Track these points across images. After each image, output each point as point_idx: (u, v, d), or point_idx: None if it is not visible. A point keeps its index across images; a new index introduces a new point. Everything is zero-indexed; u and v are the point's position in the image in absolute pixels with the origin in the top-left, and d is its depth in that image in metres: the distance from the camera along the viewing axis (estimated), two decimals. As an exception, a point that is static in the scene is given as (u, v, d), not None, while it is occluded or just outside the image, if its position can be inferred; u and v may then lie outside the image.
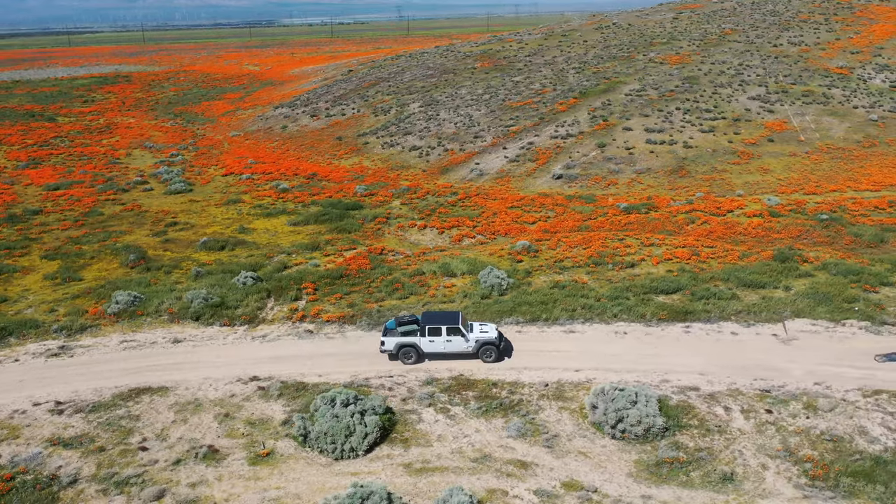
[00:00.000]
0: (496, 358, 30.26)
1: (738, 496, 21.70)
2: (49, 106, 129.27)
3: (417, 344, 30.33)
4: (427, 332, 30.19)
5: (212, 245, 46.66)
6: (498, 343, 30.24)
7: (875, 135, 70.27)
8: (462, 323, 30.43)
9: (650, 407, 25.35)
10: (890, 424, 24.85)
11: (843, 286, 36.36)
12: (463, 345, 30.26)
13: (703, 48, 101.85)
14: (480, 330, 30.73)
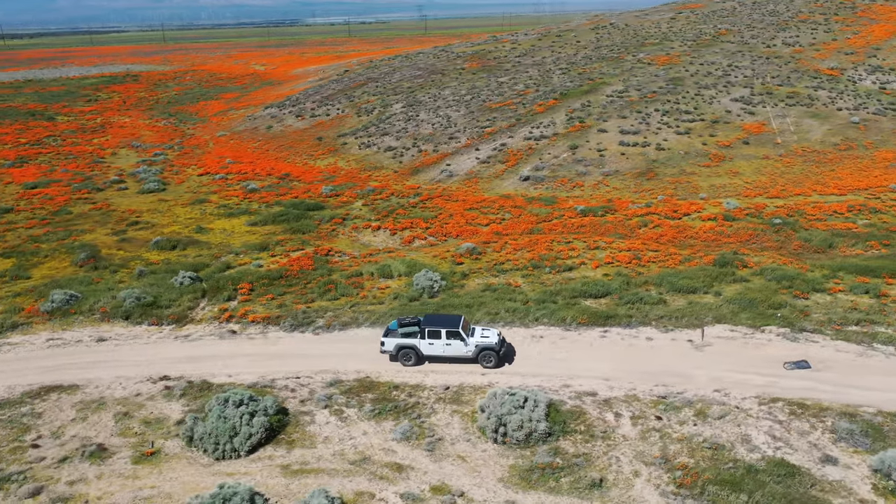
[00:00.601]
0: (495, 364, 29.67)
1: (601, 503, 21.68)
2: (52, 105, 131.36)
3: (417, 346, 30.11)
4: (427, 334, 29.92)
5: (163, 245, 47.29)
6: (498, 349, 29.62)
7: (854, 137, 69.33)
8: (462, 327, 29.94)
9: (536, 412, 25.38)
10: (776, 433, 24.66)
11: (773, 292, 36.03)
12: (462, 349, 29.87)
13: (695, 49, 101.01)
14: (481, 335, 30.22)
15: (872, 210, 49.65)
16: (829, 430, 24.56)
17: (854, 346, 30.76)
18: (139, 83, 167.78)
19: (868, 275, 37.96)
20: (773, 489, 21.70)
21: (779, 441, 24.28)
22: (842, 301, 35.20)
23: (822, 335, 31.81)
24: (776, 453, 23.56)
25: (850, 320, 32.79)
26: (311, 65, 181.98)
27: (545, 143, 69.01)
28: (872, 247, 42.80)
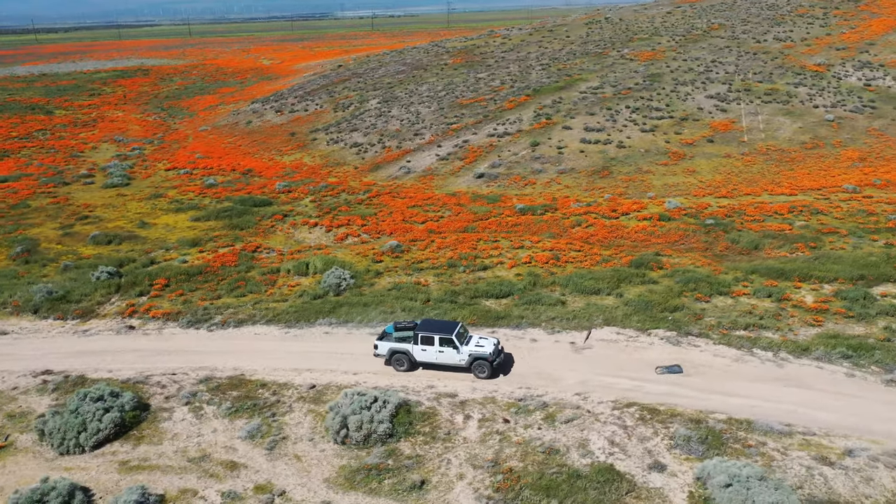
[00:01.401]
0: (489, 375, 28.45)
1: (414, 505, 21.79)
2: (55, 99, 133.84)
3: (410, 351, 29.26)
4: (420, 340, 29.01)
5: (100, 239, 48.18)
6: (492, 359, 28.37)
7: (824, 136, 68.00)
8: (457, 334, 28.88)
9: (382, 413, 25.51)
10: (616, 439, 24.50)
11: (675, 295, 35.66)
12: (455, 357, 28.81)
13: (682, 44, 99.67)
14: (476, 343, 29.04)
15: (814, 211, 48.72)
16: (669, 437, 24.32)
17: (734, 350, 30.36)
18: (148, 77, 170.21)
19: (780, 278, 37.36)
20: (586, 496, 21.61)
21: (615, 447, 24.10)
22: (742, 304, 34.72)
23: (707, 339, 31.43)
24: (607, 459, 23.40)
25: (739, 324, 32.34)
26: (316, 59, 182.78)
27: (507, 139, 68.73)
28: (798, 249, 42.05)
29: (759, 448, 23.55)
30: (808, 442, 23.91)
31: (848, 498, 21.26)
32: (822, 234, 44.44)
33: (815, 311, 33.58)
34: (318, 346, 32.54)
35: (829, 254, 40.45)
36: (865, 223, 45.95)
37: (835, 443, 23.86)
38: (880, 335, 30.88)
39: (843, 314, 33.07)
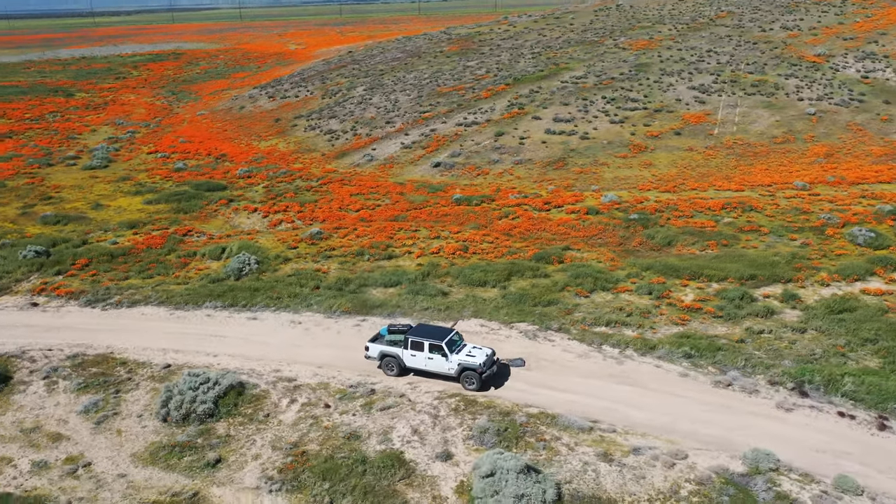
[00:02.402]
0: (478, 387, 27.17)
1: (201, 481, 23.00)
2: (81, 82, 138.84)
3: (400, 356, 28.41)
4: (410, 344, 28.12)
5: (49, 220, 50.66)
6: (481, 370, 26.96)
7: (799, 130, 66.31)
8: (448, 341, 27.78)
9: (209, 394, 26.78)
10: (421, 427, 25.23)
11: (556, 289, 35.92)
12: (444, 365, 27.68)
13: (682, 33, 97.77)
14: (468, 353, 27.71)
15: (748, 208, 47.90)
16: (470, 428, 24.93)
17: (584, 346, 30.61)
18: (177, 61, 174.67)
19: (670, 275, 37.21)
20: (360, 480, 22.47)
21: (416, 435, 24.84)
22: (619, 301, 34.79)
23: (565, 334, 31.71)
24: (401, 447, 24.18)
25: (603, 321, 32.50)
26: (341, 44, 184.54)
27: (474, 129, 69.00)
28: (709, 246, 41.60)
29: (550, 442, 23.96)
30: (603, 438, 24.21)
31: (612, 495, 21.61)
32: (743, 231, 43.80)
33: (688, 309, 33.44)
34: (195, 327, 33.96)
35: (732, 252, 39.97)
36: (794, 222, 45.03)
37: (628, 440, 24.11)
38: (736, 336, 30.69)
39: (712, 314, 32.86)
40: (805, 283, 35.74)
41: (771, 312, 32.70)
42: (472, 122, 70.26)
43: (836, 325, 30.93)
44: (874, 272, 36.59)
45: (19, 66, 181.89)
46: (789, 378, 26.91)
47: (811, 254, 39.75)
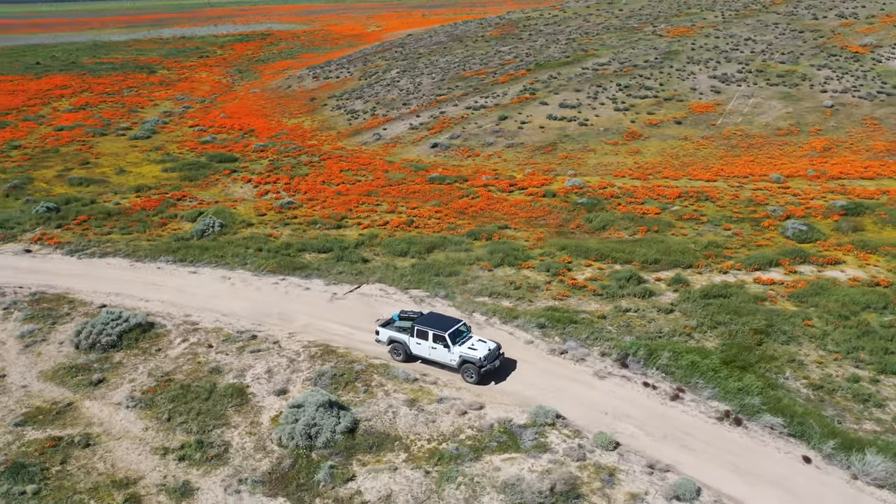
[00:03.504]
0: (477, 380, 27.19)
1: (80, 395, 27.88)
2: (168, 60, 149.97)
3: (406, 343, 28.88)
4: (416, 333, 28.50)
5: (75, 181, 57.73)
6: (480, 364, 26.97)
7: (809, 122, 65.18)
8: (452, 332, 27.89)
9: (116, 329, 31.75)
10: (275, 369, 29.15)
11: (466, 263, 38.77)
12: (446, 356, 27.93)
13: (728, 20, 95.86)
14: (470, 346, 27.70)
15: (704, 198, 48.64)
16: (315, 372, 28.65)
17: (458, 313, 33.52)
18: (261, 41, 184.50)
19: (581, 255, 39.34)
20: (200, 404, 26.70)
21: (267, 374, 28.82)
22: (517, 276, 37.27)
23: (448, 301, 34.71)
24: (249, 382, 28.21)
25: (488, 291, 35.19)
26: (414, 27, 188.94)
27: (480, 112, 71.61)
28: (639, 232, 43.11)
29: (373, 388, 27.35)
30: (421, 389, 27.36)
31: (399, 433, 24.85)
32: (682, 219, 44.88)
33: (573, 287, 35.58)
34: (144, 277, 39.16)
35: (654, 238, 41.36)
36: (740, 213, 45.61)
37: (442, 392, 27.15)
38: (600, 312, 32.72)
39: (593, 291, 34.90)
40: (702, 270, 36.97)
41: (650, 294, 34.35)
42: (481, 105, 72.81)
43: (700, 308, 32.37)
44: (779, 263, 37.22)
45: (123, 44, 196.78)
46: (617, 350, 28.93)
47: (732, 243, 40.60)
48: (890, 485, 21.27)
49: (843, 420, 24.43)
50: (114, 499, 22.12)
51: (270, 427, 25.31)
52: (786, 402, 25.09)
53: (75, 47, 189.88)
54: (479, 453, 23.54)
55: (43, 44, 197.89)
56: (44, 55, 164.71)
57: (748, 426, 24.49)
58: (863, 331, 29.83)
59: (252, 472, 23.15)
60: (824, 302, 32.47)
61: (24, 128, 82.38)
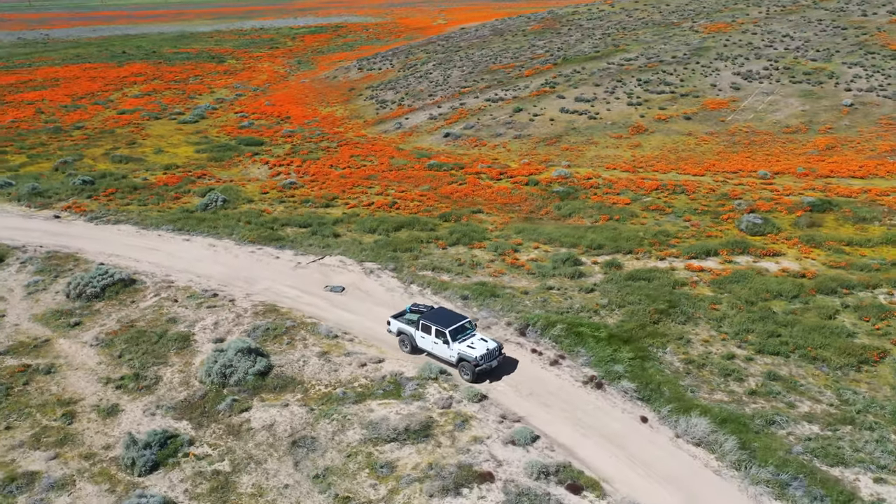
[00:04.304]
0: (472, 379, 27.29)
1: (57, 334, 33.00)
2: (238, 51, 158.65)
3: (412, 335, 29.34)
4: (420, 326, 28.86)
5: (117, 159, 64.28)
6: (475, 363, 27.04)
7: (821, 120, 64.95)
8: (453, 329, 28.09)
9: (101, 282, 36.84)
10: (221, 322, 33.46)
11: (423, 241, 42.15)
12: (446, 352, 28.19)
13: (771, 16, 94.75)
14: (469, 344, 27.78)
15: (680, 191, 50.13)
16: (251, 326, 32.81)
17: (397, 283, 37.05)
18: (331, 34, 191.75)
19: (533, 238, 41.95)
20: (149, 346, 31.27)
21: (214, 325, 33.17)
22: (466, 254, 40.32)
23: (394, 273, 38.20)
24: (197, 331, 32.63)
25: (431, 266, 38.47)
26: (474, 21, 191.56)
27: (497, 105, 74.40)
28: (600, 220, 45.29)
29: (295, 341, 31.27)
30: (336, 344, 31.07)
31: (304, 378, 28.64)
32: (648, 210, 46.68)
33: (512, 265, 38.38)
34: (144, 242, 44.41)
35: (610, 226, 43.50)
36: (707, 206, 46.98)
37: (354, 348, 30.77)
38: (524, 288, 35.48)
39: (528, 270, 37.65)
40: (640, 256, 39.00)
41: (580, 275, 36.80)
42: (500, 98, 75.49)
43: (619, 289, 34.63)
44: (718, 252, 38.82)
45: (206, 35, 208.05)
46: (520, 321, 31.76)
47: (684, 233, 42.27)
48: (705, 443, 23.47)
49: (697, 390, 26.53)
50: (55, 413, 26.84)
51: (199, 367, 29.52)
52: (650, 371, 27.39)
53: (161, 38, 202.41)
54: (362, 398, 27.03)
55: (134, 34, 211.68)
56: (131, 45, 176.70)
57: (607, 390, 26.97)
58: (761, 316, 31.44)
59: (170, 401, 27.43)
60: (739, 289, 34.08)
61: (93, 111, 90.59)
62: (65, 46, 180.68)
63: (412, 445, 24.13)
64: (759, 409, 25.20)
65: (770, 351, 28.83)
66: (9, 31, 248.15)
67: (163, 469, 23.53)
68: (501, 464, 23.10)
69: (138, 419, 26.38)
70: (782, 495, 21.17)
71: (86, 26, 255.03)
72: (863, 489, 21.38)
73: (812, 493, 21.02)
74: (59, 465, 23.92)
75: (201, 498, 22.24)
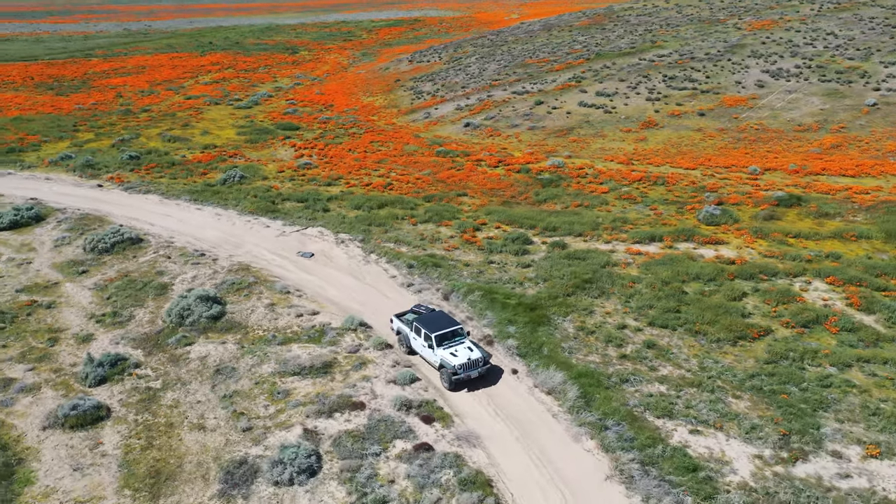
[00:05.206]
0: (450, 387, 27.09)
1: (65, 278, 39.35)
2: (312, 43, 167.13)
3: (408, 336, 29.53)
4: (414, 328, 29.02)
5: (167, 138, 71.67)
6: (453, 371, 26.70)
7: (838, 119, 64.99)
8: (440, 335, 27.89)
9: (111, 240, 43.09)
10: (199, 276, 38.92)
11: (397, 218, 46.42)
12: (431, 356, 28.20)
13: (820, 13, 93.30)
14: (452, 351, 27.51)
15: (661, 182, 52.21)
16: (219, 280, 38.07)
17: (361, 252, 41.44)
18: (404, 27, 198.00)
19: (500, 220, 45.46)
20: (134, 291, 37.03)
21: (193, 278, 38.61)
22: (431, 230, 44.27)
23: (362, 244, 42.67)
24: (177, 283, 38.17)
25: (395, 239, 42.69)
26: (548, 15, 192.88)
27: (521, 97, 77.52)
28: (571, 206, 48.23)
29: (252, 295, 36.20)
30: (285, 298, 35.83)
31: (250, 323, 33.55)
32: (620, 199, 49.17)
33: (467, 241, 42.09)
34: (162, 209, 50.65)
35: (570, 211, 46.40)
36: (680, 197, 48.98)
37: (298, 302, 35.43)
38: (468, 261, 39.17)
39: (478, 246, 41.28)
40: (588, 238, 41.85)
41: (524, 252, 40.14)
42: (525, 91, 78.51)
43: (551, 265, 37.79)
44: (662, 238, 41.19)
45: (290, 27, 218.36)
46: (446, 287, 35.56)
47: (641, 221, 44.68)
48: (555, 392, 26.71)
49: (574, 352, 29.64)
50: (43, 337, 32.79)
51: (166, 310, 34.92)
52: (538, 334, 30.66)
53: (249, 29, 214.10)
54: (288, 341, 31.63)
55: (227, 25, 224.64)
56: (220, 36, 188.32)
57: (495, 346, 30.48)
58: (669, 294, 33.97)
59: (134, 334, 32.90)
60: (662, 270, 36.56)
61: (164, 95, 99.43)
62: (161, 37, 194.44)
63: (311, 379, 28.50)
64: (621, 369, 28.10)
65: (660, 324, 31.43)
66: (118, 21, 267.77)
67: (108, 383, 28.85)
68: (377, 397, 27.12)
69: (105, 346, 31.93)
70: (597, 435, 24.27)
71: (185, 18, 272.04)
72: (675, 437, 24.16)
73: (623, 434, 24.02)
74: (33, 375, 29.68)
75: (130, 406, 27.40)
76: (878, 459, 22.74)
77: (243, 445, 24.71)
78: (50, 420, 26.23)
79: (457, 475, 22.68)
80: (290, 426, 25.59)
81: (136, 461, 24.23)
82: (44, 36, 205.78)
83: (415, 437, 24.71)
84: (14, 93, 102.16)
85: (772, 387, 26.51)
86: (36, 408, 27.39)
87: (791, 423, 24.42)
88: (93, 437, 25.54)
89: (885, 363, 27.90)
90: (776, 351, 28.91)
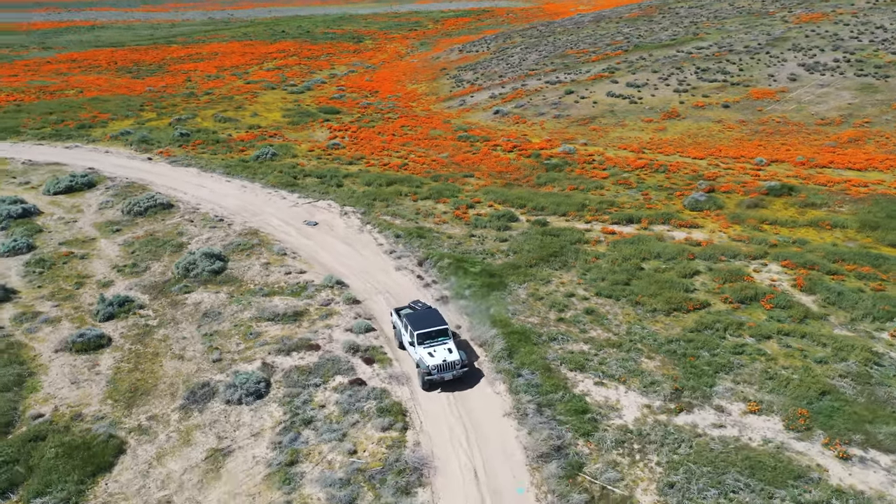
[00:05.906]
0: (423, 387, 27.05)
1: (100, 235, 45.06)
2: (378, 32, 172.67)
3: (401, 332, 29.51)
4: (404, 323, 29.00)
5: (219, 119, 77.76)
6: (426, 371, 26.59)
7: (861, 114, 64.89)
8: (422, 333, 27.62)
9: (145, 204, 48.60)
10: (212, 238, 43.95)
11: (401, 194, 50.25)
12: (413, 353, 28.06)
13: (875, 7, 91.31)
14: (430, 352, 27.25)
15: (662, 170, 54.05)
16: (230, 242, 42.89)
17: (359, 223, 45.51)
18: (471, 17, 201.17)
19: (494, 199, 48.67)
20: (154, 246, 42.29)
21: (207, 240, 43.61)
22: (429, 206, 47.89)
23: (362, 216, 46.74)
24: (193, 243, 43.28)
25: (392, 213, 46.53)
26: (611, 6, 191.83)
27: (553, 87, 79.85)
28: (567, 189, 50.89)
29: (253, 255, 40.84)
30: (280, 259, 40.21)
31: (244, 278, 38.18)
32: (615, 184, 51.44)
33: (457, 217, 45.49)
34: (197, 180, 56.13)
35: (563, 194, 48.99)
36: (675, 185, 50.82)
37: (291, 262, 39.80)
38: (450, 234, 42.61)
39: (466, 221, 44.64)
40: (570, 218, 44.52)
41: (506, 228, 43.23)
42: (558, 80, 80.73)
43: (526, 239, 40.79)
44: (640, 220, 43.47)
45: (361, 17, 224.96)
46: (422, 256, 39.14)
47: (628, 204, 46.93)
48: (485, 345, 29.93)
49: (518, 313, 32.70)
50: (71, 282, 38.26)
51: (178, 264, 39.88)
52: (490, 297, 33.86)
53: (323, 18, 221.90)
54: (271, 294, 35.97)
55: (303, 14, 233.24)
56: (293, 25, 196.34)
57: (448, 304, 33.88)
58: (624, 269, 36.46)
59: (146, 282, 37.97)
60: (627, 248, 39.00)
61: (228, 80, 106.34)
62: (239, 25, 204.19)
63: (281, 324, 32.69)
64: (554, 330, 31.03)
65: (606, 294, 34.07)
66: (203, 10, 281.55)
67: (115, 320, 33.85)
68: (332, 341, 31.05)
69: (119, 290, 37.06)
70: (508, 380, 27.42)
71: (264, 7, 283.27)
72: (580, 387, 27.06)
73: (532, 381, 27.08)
74: (57, 310, 35.04)
75: (127, 338, 32.29)
76: (755, 415, 25.02)
77: (210, 373, 29.07)
78: (61, 344, 31.33)
79: (378, 405, 26.31)
80: (253, 360, 29.80)
81: (121, 380, 28.97)
82: (135, 24, 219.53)
83: (353, 374, 28.46)
84: (97, 75, 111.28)
85: (685, 351, 28.89)
86: (53, 335, 32.61)
87: (689, 381, 26.86)
88: (92, 360, 30.46)
89: (803, 337, 29.77)
90: (704, 322, 31.15)
